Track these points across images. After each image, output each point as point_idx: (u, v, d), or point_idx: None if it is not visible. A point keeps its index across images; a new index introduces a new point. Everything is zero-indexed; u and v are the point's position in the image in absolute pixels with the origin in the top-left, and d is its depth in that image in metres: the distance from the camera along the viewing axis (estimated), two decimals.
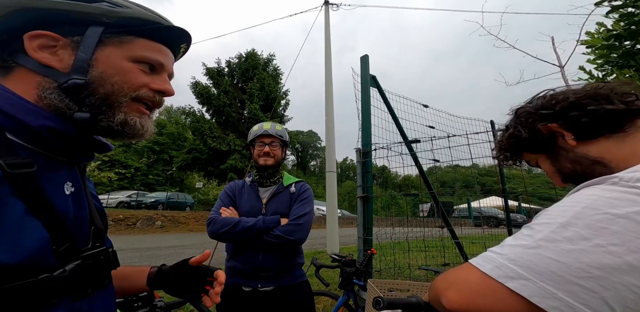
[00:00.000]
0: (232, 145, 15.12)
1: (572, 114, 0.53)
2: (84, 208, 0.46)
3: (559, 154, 0.57)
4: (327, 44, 7.07)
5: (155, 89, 0.49)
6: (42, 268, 0.36)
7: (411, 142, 2.36)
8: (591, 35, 2.05)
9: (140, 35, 0.48)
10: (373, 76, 2.46)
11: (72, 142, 0.44)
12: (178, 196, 18.14)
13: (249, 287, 1.22)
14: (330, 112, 6.74)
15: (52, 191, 0.40)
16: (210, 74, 16.54)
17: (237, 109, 16.46)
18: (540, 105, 0.58)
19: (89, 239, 0.46)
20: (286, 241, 1.20)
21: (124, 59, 0.46)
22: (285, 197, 1.34)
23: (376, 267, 2.79)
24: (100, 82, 0.44)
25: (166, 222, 11.60)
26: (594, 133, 0.52)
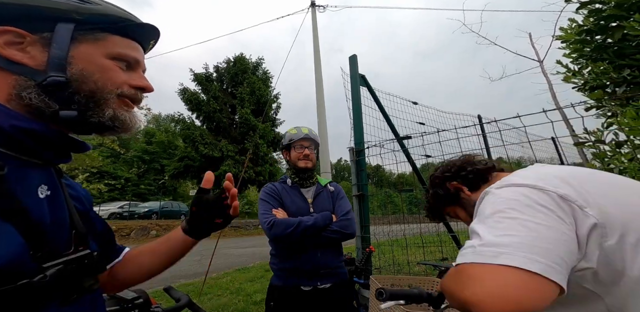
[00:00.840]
0: (224, 151, 15.00)
1: (462, 174, 0.79)
2: (63, 211, 0.45)
3: (464, 203, 0.79)
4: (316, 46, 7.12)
5: (134, 86, 0.49)
6: (21, 274, 0.35)
7: (403, 138, 2.40)
8: (564, 31, 2.14)
9: (113, 32, 0.47)
10: (362, 75, 2.50)
11: (47, 143, 0.42)
12: (172, 205, 17.82)
13: (308, 286, 1.25)
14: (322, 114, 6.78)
15: (25, 194, 0.39)
16: (199, 79, 16.43)
17: (227, 114, 16.36)
18: (442, 171, 0.85)
19: (70, 243, 0.44)
20: (344, 234, 1.28)
21: (101, 56, 0.45)
22: (326, 195, 1.43)
23: (375, 265, 2.81)
24: (82, 79, 0.43)
25: (161, 231, 11.39)
26: (477, 185, 0.77)
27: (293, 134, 1.44)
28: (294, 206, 1.35)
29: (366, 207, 2.50)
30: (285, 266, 1.28)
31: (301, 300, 1.24)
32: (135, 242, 10.18)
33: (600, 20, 1.89)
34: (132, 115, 0.49)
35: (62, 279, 0.39)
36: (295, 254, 1.27)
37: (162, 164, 22.97)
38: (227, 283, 3.93)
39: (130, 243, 9.94)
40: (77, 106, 0.43)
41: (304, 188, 1.43)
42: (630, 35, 1.73)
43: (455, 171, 0.81)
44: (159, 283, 4.10)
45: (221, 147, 15.06)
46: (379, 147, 2.46)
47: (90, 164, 11.35)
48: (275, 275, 1.33)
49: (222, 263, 5.46)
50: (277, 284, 1.29)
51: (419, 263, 2.37)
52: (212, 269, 3.60)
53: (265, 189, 1.42)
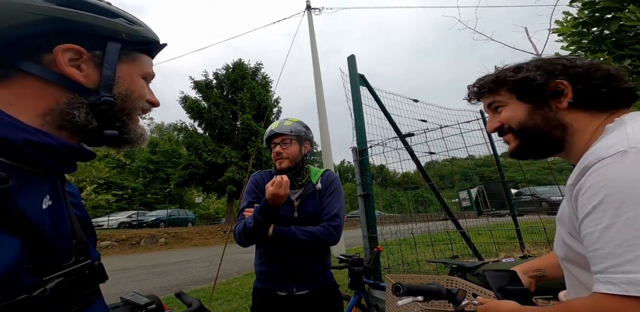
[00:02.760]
0: (227, 157, 15.06)
1: (594, 82, 0.54)
2: (65, 221, 0.44)
3: (541, 109, 0.58)
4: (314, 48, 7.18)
5: (149, 101, 0.51)
6: (20, 288, 0.34)
7: (405, 136, 2.41)
8: (560, 24, 2.14)
9: (144, 52, 0.51)
10: (362, 75, 2.52)
11: (57, 155, 0.41)
12: (179, 213, 17.97)
13: (284, 291, 1.18)
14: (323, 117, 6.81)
15: (28, 206, 0.38)
16: (199, 87, 16.56)
17: (229, 120, 16.45)
18: (579, 65, 0.57)
19: (71, 254, 0.43)
20: (323, 242, 1.16)
21: (138, 76, 0.48)
22: (314, 196, 1.26)
23: (384, 265, 2.80)
24: (126, 98, 0.45)
25: (169, 238, 11.45)
26: (591, 104, 0.55)
27: (266, 134, 1.31)
28: None
29: (372, 206, 2.50)
30: (262, 269, 1.22)
31: (276, 305, 1.17)
32: (145, 250, 10.24)
33: (594, 12, 1.89)
34: (144, 129, 0.51)
35: (62, 291, 0.38)
36: (273, 259, 1.19)
37: (167, 172, 23.14)
38: (237, 288, 3.93)
39: (140, 251, 10.04)
40: (120, 124, 0.45)
41: (293, 189, 1.24)
42: (627, 26, 1.73)
43: (581, 72, 0.56)
44: (170, 290, 4.12)
45: (224, 154, 15.12)
46: (382, 146, 2.47)
47: (97, 175, 11.48)
48: (257, 277, 1.27)
49: (230, 268, 5.46)
50: (257, 286, 1.25)
51: (429, 261, 2.35)
52: (221, 274, 3.61)
53: (254, 179, 1.31)
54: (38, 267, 0.37)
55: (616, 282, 0.38)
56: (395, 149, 2.36)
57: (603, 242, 0.41)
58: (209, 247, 10.15)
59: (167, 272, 5.65)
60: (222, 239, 11.73)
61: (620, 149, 0.42)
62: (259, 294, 1.23)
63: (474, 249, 2.97)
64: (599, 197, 0.42)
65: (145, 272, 5.62)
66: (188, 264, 6.60)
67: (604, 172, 0.42)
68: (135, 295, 0.72)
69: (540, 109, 0.59)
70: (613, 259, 0.39)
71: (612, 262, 0.39)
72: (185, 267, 6.18)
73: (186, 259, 7.49)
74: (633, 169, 0.40)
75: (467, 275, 1.77)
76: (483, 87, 0.67)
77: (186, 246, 10.91)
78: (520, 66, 0.64)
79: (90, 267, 0.45)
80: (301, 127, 1.31)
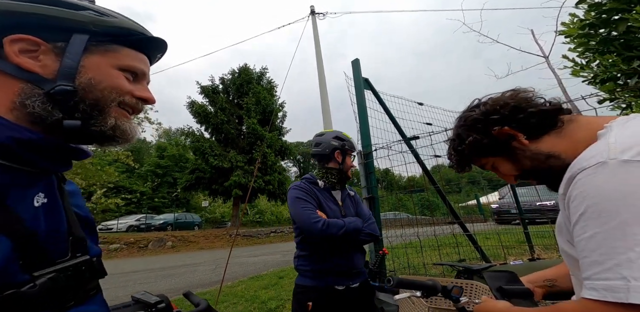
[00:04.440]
0: (233, 161, 15.16)
1: (519, 117, 0.60)
2: (60, 219, 0.44)
3: (516, 154, 0.63)
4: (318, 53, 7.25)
5: (138, 97, 0.50)
6: (9, 284, 0.34)
7: (410, 139, 2.41)
8: (567, 26, 2.14)
9: (125, 45, 0.49)
10: (366, 79, 2.55)
11: (44, 152, 0.42)
12: (186, 216, 18.14)
13: (342, 285, 1.31)
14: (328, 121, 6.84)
15: (19, 203, 0.38)
16: (206, 92, 16.80)
17: (235, 125, 16.61)
18: (486, 112, 0.64)
19: (67, 250, 0.43)
20: (374, 237, 1.39)
21: (110, 67, 0.46)
22: (350, 199, 1.52)
23: (389, 268, 2.78)
24: (90, 88, 0.44)
25: (177, 242, 11.53)
26: (540, 132, 0.60)
27: (349, 142, 1.52)
28: (329, 209, 1.40)
29: (377, 209, 2.49)
30: (319, 267, 1.32)
31: (336, 299, 1.29)
32: (152, 253, 10.33)
33: (601, 14, 1.88)
34: (132, 125, 0.49)
35: (55, 287, 0.39)
36: (333, 256, 1.32)
37: (175, 177, 23.46)
38: (242, 291, 3.94)
39: (148, 254, 10.13)
40: (80, 115, 0.43)
41: (334, 190, 1.49)
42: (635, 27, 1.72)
43: (508, 113, 0.61)
44: (177, 292, 4.15)
45: (230, 158, 15.23)
46: (387, 149, 2.47)
47: (107, 180, 11.68)
48: (306, 276, 1.34)
49: (236, 271, 5.47)
50: (310, 284, 1.31)
51: (435, 264, 2.33)
52: (227, 277, 3.63)
53: (300, 188, 1.43)
54: (29, 264, 0.37)
55: (597, 288, 0.41)
56: (400, 152, 2.36)
57: (589, 250, 0.44)
58: (214, 251, 10.19)
59: (174, 275, 5.69)
60: (228, 243, 11.77)
61: (601, 159, 0.44)
62: (316, 291, 1.30)
63: (482, 252, 2.93)
64: (583, 207, 0.45)
65: (153, 275, 5.67)
66: (195, 267, 6.64)
67: (584, 183, 0.45)
68: (146, 294, 0.74)
69: (515, 155, 0.63)
70: (596, 267, 0.42)
71: (596, 270, 0.42)
72: (192, 270, 6.21)
73: (193, 262, 7.53)
74: (610, 180, 0.42)
75: (474, 277, 1.75)
76: (460, 165, 0.73)
77: (193, 249, 10.97)
78: (457, 135, 0.70)
79: (87, 263, 0.45)
80: None
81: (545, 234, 4.10)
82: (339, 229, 1.26)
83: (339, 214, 1.40)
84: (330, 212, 1.38)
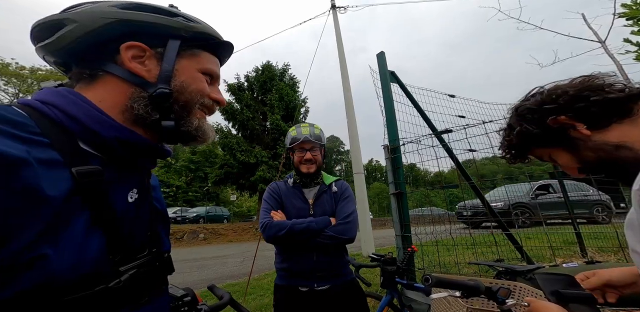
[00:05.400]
0: (259, 157, 15.57)
1: (578, 106, 0.55)
2: (145, 214, 0.47)
3: (576, 145, 0.58)
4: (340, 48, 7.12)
5: (213, 98, 0.52)
6: (98, 279, 0.36)
7: (442, 132, 2.28)
8: (628, 7, 1.88)
9: (205, 49, 0.52)
10: (392, 72, 2.44)
11: (140, 151, 0.45)
12: (216, 210, 19.14)
13: (305, 287, 1.24)
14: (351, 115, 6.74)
15: (117, 199, 0.41)
16: (232, 89, 17.32)
17: (259, 121, 16.99)
18: (541, 101, 0.60)
19: (145, 245, 0.46)
20: (339, 240, 1.22)
21: (196, 71, 0.50)
22: (328, 196, 1.35)
23: (419, 266, 2.69)
24: (182, 90, 0.47)
25: (208, 234, 12.20)
26: (606, 121, 0.55)
27: (294, 136, 1.37)
28: (293, 208, 1.32)
29: (405, 205, 2.41)
30: (284, 266, 1.28)
31: (299, 300, 1.23)
32: (187, 244, 11.04)
33: None
34: (209, 126, 0.52)
35: (134, 283, 0.40)
36: (293, 256, 1.26)
37: (206, 172, 24.67)
38: (268, 284, 4.05)
39: (184, 246, 10.82)
40: (174, 115, 0.47)
41: (306, 188, 1.38)
42: None
43: (565, 102, 0.57)
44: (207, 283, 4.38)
45: (256, 154, 15.65)
46: (416, 144, 2.37)
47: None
48: (278, 274, 1.33)
49: (262, 264, 5.65)
50: (279, 283, 1.30)
51: (470, 262, 2.20)
52: (254, 270, 3.75)
53: (269, 189, 1.41)
54: (116, 259, 0.39)
55: None
56: (430, 146, 2.24)
57: None
58: (242, 244, 10.63)
59: (206, 266, 6.03)
60: (254, 236, 12.20)
61: None
62: (281, 290, 1.28)
63: (524, 252, 2.71)
64: None
65: (187, 266, 6.05)
66: (225, 259, 6.98)
67: None
68: (173, 287, 0.77)
69: (575, 146, 0.59)
70: None
71: None
72: (222, 262, 6.53)
73: (223, 254, 7.92)
74: None
75: (517, 279, 1.62)
76: (512, 156, 0.70)
77: (222, 242, 11.54)
78: (508, 125, 0.67)
79: (160, 258, 0.48)
80: (324, 136, 1.42)
81: (600, 235, 3.71)
82: (279, 230, 1.19)
83: (306, 213, 1.29)
84: (294, 210, 1.31)
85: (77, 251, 0.33)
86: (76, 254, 0.33)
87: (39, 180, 0.31)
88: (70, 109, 0.39)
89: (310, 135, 1.34)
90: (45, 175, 0.32)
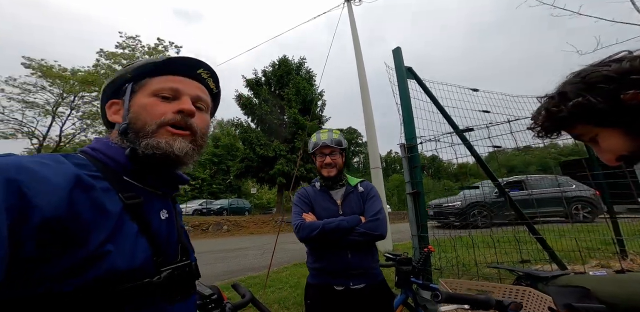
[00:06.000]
0: (277, 151, 15.79)
1: None
2: (174, 230, 0.57)
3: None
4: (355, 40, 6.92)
5: (175, 111, 0.55)
6: (144, 274, 0.46)
7: (463, 131, 2.17)
8: None
9: (152, 76, 0.58)
10: (409, 68, 2.33)
11: (154, 175, 0.55)
12: (238, 202, 19.85)
13: (341, 286, 1.28)
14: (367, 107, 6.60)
15: (153, 216, 0.52)
16: (250, 85, 17.53)
17: (277, 115, 17.13)
18: (628, 69, 0.46)
19: (177, 254, 0.56)
20: (371, 236, 1.27)
21: (145, 97, 0.56)
22: (356, 196, 1.42)
23: (435, 265, 2.62)
24: (135, 120, 0.54)
25: (231, 226, 12.71)
26: None
27: (314, 142, 1.46)
28: (322, 209, 1.39)
29: (422, 205, 2.35)
30: (317, 266, 1.32)
31: (335, 299, 1.26)
32: (212, 236, 11.59)
33: None
34: (172, 140, 0.53)
35: (171, 281, 0.50)
36: (327, 255, 1.30)
37: (228, 165, 25.55)
38: (287, 277, 4.15)
39: (209, 237, 11.35)
40: (130, 142, 0.53)
41: (333, 190, 1.45)
42: None
43: None
44: (232, 275, 4.61)
45: (274, 147, 15.88)
46: (435, 141, 2.27)
47: None
48: (310, 274, 1.37)
49: (281, 257, 5.80)
50: (312, 282, 1.34)
51: (489, 266, 2.11)
52: (273, 262, 3.87)
53: (297, 194, 1.49)
54: (158, 260, 0.50)
55: None
56: (450, 144, 2.14)
57: None
58: (262, 236, 10.97)
59: (229, 257, 6.30)
60: (274, 229, 12.55)
61: None
62: (315, 289, 1.32)
63: (554, 255, 2.55)
64: None
65: (212, 257, 6.35)
66: (246, 251, 7.25)
67: None
68: (200, 285, 0.81)
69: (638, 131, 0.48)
70: None
71: None
72: (244, 254, 6.80)
73: (244, 246, 8.24)
74: None
75: (538, 285, 1.53)
76: (547, 129, 0.59)
77: (244, 234, 11.99)
78: (560, 93, 0.54)
79: (189, 266, 0.57)
80: (344, 140, 1.48)
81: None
82: (312, 230, 1.24)
83: (336, 214, 1.35)
84: (324, 212, 1.37)
85: (130, 250, 0.45)
86: (129, 252, 0.44)
87: (103, 200, 0.44)
88: (106, 151, 0.53)
89: (329, 140, 1.41)
90: (105, 197, 0.45)
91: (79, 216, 0.39)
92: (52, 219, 0.36)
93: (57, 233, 0.36)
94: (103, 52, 16.69)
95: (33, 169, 0.38)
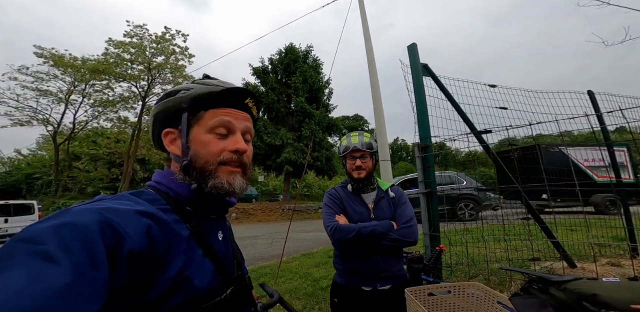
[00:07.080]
0: (284, 139, 15.77)
1: None
2: (229, 247, 0.62)
3: None
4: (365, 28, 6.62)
5: (230, 150, 0.56)
6: (215, 293, 0.51)
7: (480, 133, 2.09)
8: None
9: (206, 108, 0.56)
10: (425, 64, 2.22)
11: (212, 204, 0.58)
12: None
13: (369, 287, 1.32)
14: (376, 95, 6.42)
15: (213, 239, 0.56)
16: (257, 73, 17.26)
17: (284, 103, 16.96)
18: None
19: (234, 269, 0.60)
20: (404, 242, 1.30)
21: (202, 134, 0.55)
22: (387, 202, 1.43)
23: (446, 262, 2.64)
24: (196, 158, 0.54)
25: (239, 214, 13.02)
26: None
27: (344, 145, 1.47)
28: (355, 212, 1.40)
29: (435, 205, 2.33)
30: (347, 267, 1.35)
31: (361, 299, 1.31)
32: None
33: None
34: (232, 179, 0.56)
35: (234, 297, 0.55)
36: (356, 257, 1.33)
37: None
38: (296, 267, 4.25)
39: None
40: (196, 181, 0.54)
41: (365, 193, 1.46)
42: None
43: None
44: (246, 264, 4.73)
45: (281, 136, 15.85)
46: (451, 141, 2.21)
47: None
48: (338, 273, 1.40)
49: (289, 247, 5.93)
50: (340, 282, 1.38)
51: (501, 268, 2.12)
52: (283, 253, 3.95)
53: (329, 194, 1.49)
54: (222, 279, 0.53)
55: None
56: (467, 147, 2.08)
57: None
58: (270, 224, 11.22)
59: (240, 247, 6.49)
60: (281, 217, 12.81)
61: None
62: (343, 289, 1.37)
63: (564, 253, 2.54)
64: None
65: None
66: (255, 239, 7.45)
67: None
68: None
69: None
70: None
71: None
72: (253, 243, 6.99)
73: (253, 234, 8.46)
74: None
75: (550, 289, 1.53)
76: None
77: (252, 221, 12.28)
78: None
79: (244, 279, 0.62)
80: (374, 144, 1.47)
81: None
82: (348, 233, 1.26)
83: (367, 217, 1.37)
84: (356, 215, 1.38)
85: (202, 273, 0.49)
86: (202, 275, 0.48)
87: (176, 231, 0.48)
88: (169, 184, 0.55)
89: (360, 144, 1.43)
90: (177, 227, 0.49)
91: (158, 247, 0.43)
92: (138, 251, 0.40)
93: (142, 264, 0.40)
94: (112, 41, 16.51)
95: (118, 208, 0.42)
